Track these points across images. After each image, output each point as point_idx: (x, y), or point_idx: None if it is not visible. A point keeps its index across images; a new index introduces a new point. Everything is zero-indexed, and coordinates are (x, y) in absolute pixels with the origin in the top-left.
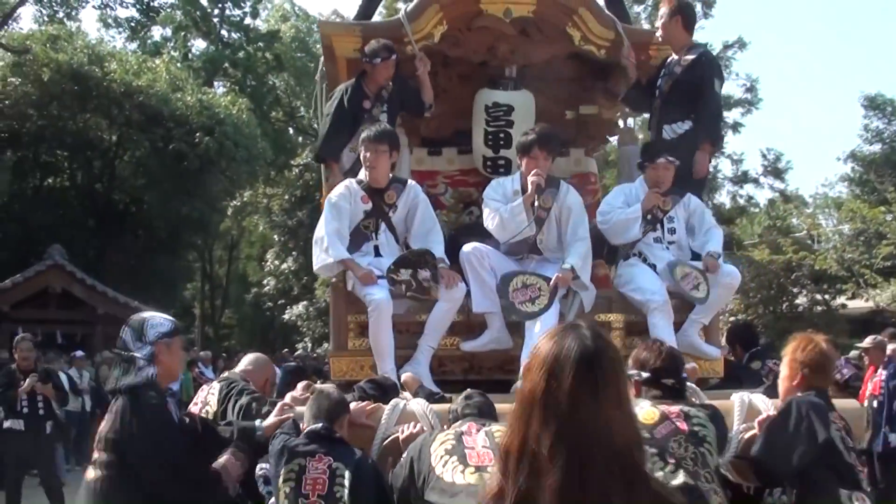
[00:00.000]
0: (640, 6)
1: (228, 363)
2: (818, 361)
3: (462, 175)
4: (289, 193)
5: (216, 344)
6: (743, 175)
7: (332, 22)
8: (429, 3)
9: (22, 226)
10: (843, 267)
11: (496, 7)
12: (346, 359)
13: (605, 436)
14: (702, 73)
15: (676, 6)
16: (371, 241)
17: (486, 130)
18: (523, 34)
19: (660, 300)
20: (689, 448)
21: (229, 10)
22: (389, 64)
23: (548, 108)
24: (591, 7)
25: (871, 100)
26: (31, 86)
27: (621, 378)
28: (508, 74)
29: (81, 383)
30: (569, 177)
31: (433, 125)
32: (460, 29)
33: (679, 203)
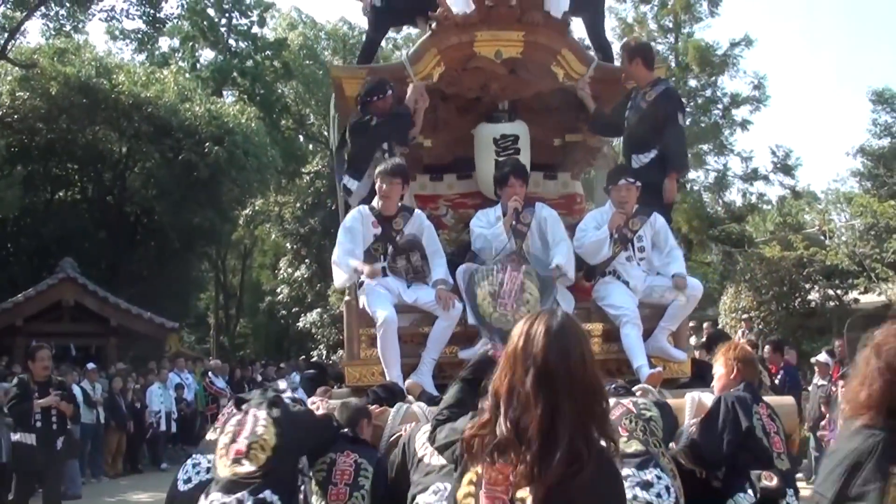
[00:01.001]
0: (647, 6)
1: (244, 372)
2: (747, 357)
3: (461, 198)
4: (300, 201)
5: (231, 353)
6: (753, 172)
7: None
8: (428, 47)
9: (34, 239)
10: (854, 262)
11: (488, 49)
12: (359, 367)
13: (571, 386)
14: (665, 108)
15: (633, 50)
16: (380, 262)
17: (497, 161)
18: (513, 73)
19: (630, 314)
20: (639, 423)
21: (236, 19)
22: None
23: (537, 137)
24: (573, 47)
25: (879, 94)
26: (40, 99)
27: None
28: (501, 108)
29: (95, 395)
30: (556, 197)
31: (435, 153)
32: (456, 69)
33: (646, 223)
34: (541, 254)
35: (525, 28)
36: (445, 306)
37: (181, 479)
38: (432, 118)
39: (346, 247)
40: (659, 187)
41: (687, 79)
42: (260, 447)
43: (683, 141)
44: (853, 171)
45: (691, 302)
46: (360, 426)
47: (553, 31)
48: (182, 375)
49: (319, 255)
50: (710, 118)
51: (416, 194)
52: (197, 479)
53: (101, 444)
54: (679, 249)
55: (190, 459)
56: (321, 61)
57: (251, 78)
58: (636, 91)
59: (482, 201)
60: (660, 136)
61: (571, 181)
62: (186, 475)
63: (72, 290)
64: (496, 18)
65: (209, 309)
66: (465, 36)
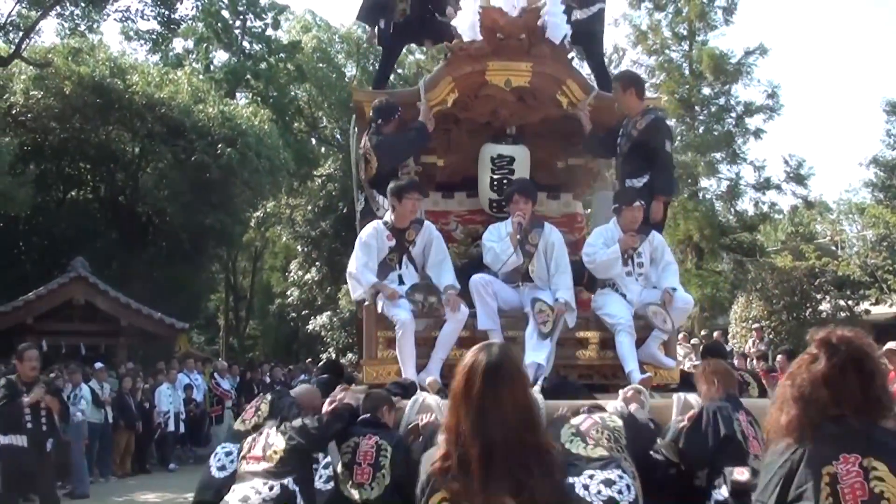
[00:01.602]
0: (661, 13)
1: (253, 374)
2: (720, 370)
3: (470, 215)
4: (312, 204)
5: (241, 355)
6: (765, 181)
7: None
8: (443, 75)
9: (45, 238)
10: (866, 273)
11: (498, 78)
12: (376, 366)
13: (504, 420)
14: (654, 136)
15: (627, 80)
16: (395, 271)
17: (492, 178)
18: (521, 100)
19: (625, 324)
20: (604, 432)
21: (251, 21)
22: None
23: (542, 159)
24: (576, 78)
25: (894, 105)
26: (54, 99)
27: (517, 381)
28: (509, 132)
29: (103, 395)
30: (559, 216)
31: (446, 173)
32: (469, 96)
33: (645, 241)
34: (543, 274)
35: (533, 59)
36: (453, 308)
37: (214, 465)
38: (445, 140)
39: (362, 260)
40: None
41: (701, 87)
42: (273, 451)
43: (671, 167)
44: (866, 181)
45: (680, 315)
46: (381, 411)
47: (558, 62)
48: (191, 376)
49: (330, 258)
50: (724, 126)
51: (428, 210)
52: (231, 468)
53: (109, 443)
54: (675, 264)
55: (221, 448)
56: (335, 64)
57: (265, 80)
58: (628, 119)
59: (488, 217)
60: (651, 162)
61: (573, 201)
62: (220, 462)
63: (82, 289)
64: (506, 50)
65: (219, 310)
66: (478, 65)
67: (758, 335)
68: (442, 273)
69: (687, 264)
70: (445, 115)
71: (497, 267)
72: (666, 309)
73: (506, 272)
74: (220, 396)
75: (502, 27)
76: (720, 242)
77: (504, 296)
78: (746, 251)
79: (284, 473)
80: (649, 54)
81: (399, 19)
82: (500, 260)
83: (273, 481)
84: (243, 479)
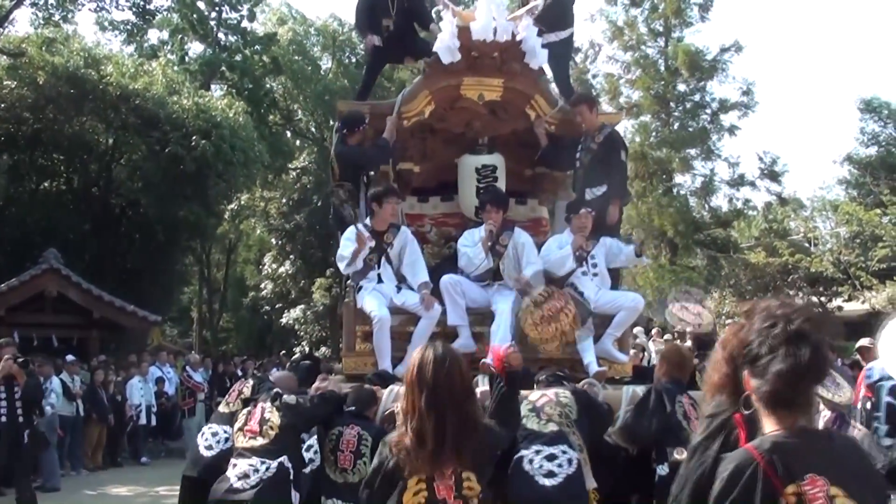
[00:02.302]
0: (637, 10)
1: (226, 367)
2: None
3: (444, 218)
4: (286, 197)
5: (214, 347)
6: (739, 178)
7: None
8: (421, 89)
9: (18, 229)
10: (839, 269)
11: (472, 92)
12: (355, 358)
13: (452, 396)
14: (611, 149)
15: (580, 97)
16: (374, 269)
17: (478, 187)
18: (492, 113)
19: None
20: (556, 408)
21: (226, 13)
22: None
23: (511, 168)
24: (544, 94)
25: (867, 103)
26: (27, 89)
27: (460, 366)
28: (481, 142)
29: (74, 388)
30: (526, 220)
31: (422, 178)
32: (444, 108)
33: (598, 244)
34: (513, 272)
35: (504, 76)
36: (427, 307)
37: (202, 445)
38: (422, 148)
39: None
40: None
41: (676, 83)
42: (270, 427)
43: (625, 175)
44: (840, 179)
45: (632, 314)
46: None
47: (528, 79)
48: (164, 369)
49: (304, 251)
50: (699, 123)
51: (405, 213)
52: (218, 448)
53: (80, 436)
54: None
55: (207, 429)
56: (310, 57)
57: (240, 72)
58: (586, 135)
59: (461, 221)
60: (608, 172)
61: (539, 207)
62: (207, 442)
63: (55, 281)
64: (480, 67)
65: (192, 303)
66: (453, 80)
67: None
68: (416, 272)
69: (661, 259)
70: (422, 125)
71: (470, 270)
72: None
73: (478, 274)
74: (191, 389)
75: (478, 46)
76: (694, 238)
77: (472, 294)
78: (720, 247)
79: (280, 451)
80: (625, 50)
81: (384, 35)
82: (473, 264)
83: (270, 460)
84: (241, 454)
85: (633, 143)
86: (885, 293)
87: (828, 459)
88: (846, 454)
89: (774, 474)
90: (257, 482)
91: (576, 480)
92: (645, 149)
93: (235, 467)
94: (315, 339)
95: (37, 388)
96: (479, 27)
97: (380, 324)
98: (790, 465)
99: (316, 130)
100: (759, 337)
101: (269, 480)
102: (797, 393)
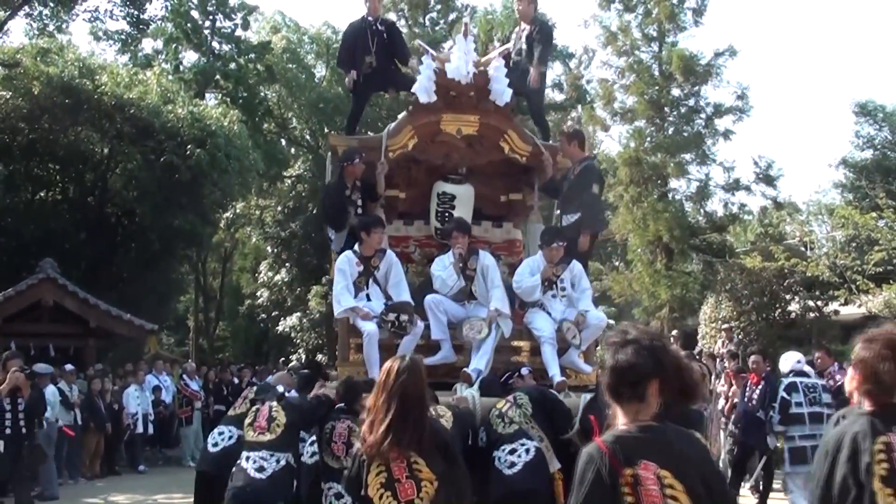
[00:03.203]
0: (631, 15)
1: (222, 375)
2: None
3: (427, 240)
4: (281, 205)
5: (210, 356)
6: (735, 182)
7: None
8: (405, 125)
9: (14, 239)
10: (835, 273)
11: (451, 127)
12: (349, 367)
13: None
14: (585, 179)
15: (572, 133)
16: (363, 290)
17: (437, 210)
18: (470, 146)
19: (548, 336)
20: (517, 410)
21: (220, 21)
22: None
23: (488, 194)
24: (516, 129)
25: (863, 106)
26: (22, 99)
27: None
28: (460, 172)
29: (72, 397)
30: (501, 241)
31: (407, 204)
32: (426, 141)
33: (567, 269)
34: (483, 292)
35: (480, 113)
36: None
37: (210, 443)
38: (406, 176)
39: (341, 284)
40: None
41: (670, 88)
42: (276, 424)
43: (597, 206)
44: (835, 182)
45: (596, 331)
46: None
47: (501, 116)
48: (160, 378)
49: (300, 259)
50: (693, 128)
51: (391, 235)
52: (223, 444)
53: (79, 445)
54: (590, 289)
55: (217, 429)
56: (305, 65)
57: (234, 81)
58: (571, 168)
59: (439, 243)
60: (581, 201)
61: (513, 229)
62: (214, 440)
63: (51, 290)
64: (458, 105)
65: (189, 311)
66: (434, 117)
67: (727, 336)
68: (400, 292)
69: (656, 265)
70: (406, 157)
71: (445, 291)
72: (578, 327)
73: (453, 294)
74: (189, 398)
75: (454, 86)
76: (690, 243)
77: (452, 311)
78: (716, 252)
79: (285, 448)
80: (619, 55)
81: (367, 70)
82: (447, 285)
83: (279, 454)
84: (252, 447)
85: (627, 149)
86: (881, 297)
87: (659, 448)
88: (678, 444)
89: (616, 460)
90: (270, 473)
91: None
92: (640, 154)
93: (249, 460)
94: (311, 346)
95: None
96: (453, 68)
97: (369, 337)
98: (628, 453)
99: (311, 138)
100: (609, 347)
101: (279, 472)
102: (625, 388)
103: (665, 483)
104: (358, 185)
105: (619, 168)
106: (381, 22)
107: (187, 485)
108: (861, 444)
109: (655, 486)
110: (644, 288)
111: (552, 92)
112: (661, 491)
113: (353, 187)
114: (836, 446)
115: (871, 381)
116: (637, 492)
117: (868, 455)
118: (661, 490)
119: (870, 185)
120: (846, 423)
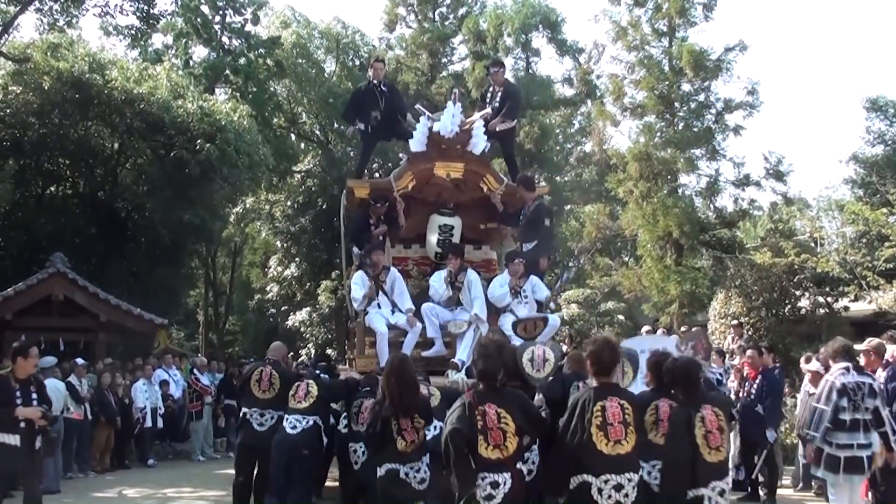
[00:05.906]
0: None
1: (232, 370)
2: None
3: (423, 259)
4: (291, 200)
5: (220, 350)
6: (745, 178)
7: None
8: (406, 170)
9: (24, 234)
10: (845, 269)
11: (442, 172)
12: (365, 359)
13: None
14: (538, 216)
15: (521, 180)
16: (375, 299)
17: (439, 239)
18: (457, 187)
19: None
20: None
21: (230, 16)
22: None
23: (470, 223)
24: (492, 173)
25: (874, 102)
26: (33, 94)
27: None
28: (450, 206)
29: (82, 391)
30: (481, 261)
31: (407, 231)
32: (422, 183)
33: (528, 281)
34: (468, 301)
35: (465, 161)
36: (411, 325)
37: (255, 422)
38: (407, 210)
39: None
40: (536, 262)
41: (680, 83)
42: (310, 396)
43: (549, 236)
44: (846, 178)
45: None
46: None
47: (481, 164)
48: (170, 372)
49: (309, 253)
50: (703, 123)
51: (394, 256)
52: (268, 424)
53: (87, 439)
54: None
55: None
56: (314, 60)
57: (244, 76)
58: (526, 206)
59: (433, 264)
60: (536, 232)
61: (490, 251)
62: (258, 422)
63: (62, 284)
64: (447, 154)
65: (198, 306)
66: (428, 164)
67: (736, 332)
68: (403, 301)
69: (666, 260)
70: (407, 195)
71: (437, 299)
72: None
73: (443, 301)
74: (199, 392)
75: (444, 140)
76: (699, 239)
77: (444, 316)
78: (726, 248)
79: (315, 412)
80: (629, 50)
81: (374, 123)
82: (439, 294)
83: (309, 416)
84: (292, 412)
85: (637, 144)
86: (891, 293)
87: (498, 397)
88: (508, 396)
89: (475, 403)
90: (300, 430)
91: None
92: (649, 149)
93: (287, 421)
94: (321, 341)
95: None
96: (442, 126)
97: (381, 336)
98: (481, 400)
99: (320, 133)
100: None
101: (308, 428)
102: (486, 374)
103: (501, 415)
104: (382, 219)
105: (628, 163)
106: (385, 84)
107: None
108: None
109: (494, 416)
110: (654, 283)
111: (562, 87)
112: (498, 418)
113: (377, 220)
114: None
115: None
116: (485, 419)
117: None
118: (498, 418)
119: (880, 180)
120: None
